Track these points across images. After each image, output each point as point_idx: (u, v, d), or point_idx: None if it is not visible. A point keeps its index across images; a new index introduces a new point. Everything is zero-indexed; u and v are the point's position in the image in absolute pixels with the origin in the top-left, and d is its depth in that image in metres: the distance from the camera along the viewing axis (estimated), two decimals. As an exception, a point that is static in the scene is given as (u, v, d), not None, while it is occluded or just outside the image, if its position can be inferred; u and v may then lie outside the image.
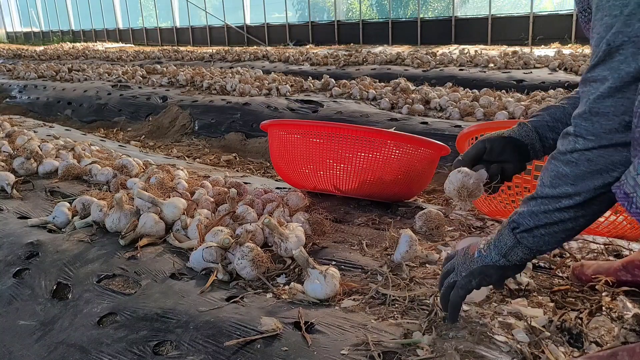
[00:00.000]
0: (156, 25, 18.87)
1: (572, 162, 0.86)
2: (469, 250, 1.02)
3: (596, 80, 0.82)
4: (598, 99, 0.81)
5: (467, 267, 1.00)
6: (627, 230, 1.51)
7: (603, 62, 0.81)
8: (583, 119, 0.84)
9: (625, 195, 0.78)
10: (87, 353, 1.11)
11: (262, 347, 1.00)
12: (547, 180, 0.91)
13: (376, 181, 1.76)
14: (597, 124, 0.82)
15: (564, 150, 0.88)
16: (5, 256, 1.51)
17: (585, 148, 0.84)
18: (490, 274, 0.98)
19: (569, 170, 0.87)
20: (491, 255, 0.97)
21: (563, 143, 0.89)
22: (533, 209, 0.92)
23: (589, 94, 0.83)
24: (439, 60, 6.90)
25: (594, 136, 0.83)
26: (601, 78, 0.81)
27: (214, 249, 1.33)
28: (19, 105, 6.36)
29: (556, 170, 0.89)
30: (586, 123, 0.84)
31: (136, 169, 2.23)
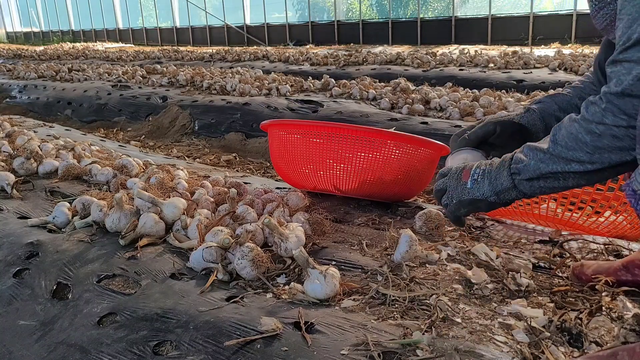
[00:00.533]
0: (156, 25, 18.87)
1: (595, 132, 0.86)
2: (462, 174, 1.05)
3: (629, 61, 0.82)
4: (633, 80, 0.81)
5: (458, 195, 1.04)
6: (627, 230, 1.51)
7: (638, 43, 0.80)
8: (616, 96, 0.84)
9: (633, 192, 0.79)
10: (87, 353, 1.11)
11: (262, 347, 1.00)
12: (562, 140, 0.91)
13: (376, 181, 1.76)
14: (630, 104, 0.82)
15: (590, 118, 0.88)
16: (5, 256, 1.51)
17: (614, 124, 0.84)
18: (480, 207, 1.04)
19: (589, 139, 0.87)
20: (484, 189, 1.01)
21: (589, 111, 0.88)
22: (540, 164, 0.93)
23: (621, 74, 0.83)
24: (439, 60, 6.90)
25: (626, 115, 0.83)
26: (636, 59, 0.81)
27: (214, 249, 1.33)
28: (19, 105, 6.36)
29: (575, 135, 0.89)
30: (619, 101, 0.83)
31: (136, 169, 2.23)
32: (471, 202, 1.03)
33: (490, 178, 1.00)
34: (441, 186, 1.10)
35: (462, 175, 1.05)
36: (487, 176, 1.01)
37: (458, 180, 1.05)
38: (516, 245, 1.46)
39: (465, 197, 1.03)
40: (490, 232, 1.57)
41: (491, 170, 1.01)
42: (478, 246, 1.36)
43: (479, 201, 1.02)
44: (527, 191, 0.97)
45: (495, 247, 1.40)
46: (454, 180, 1.06)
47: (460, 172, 1.06)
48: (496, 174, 1.00)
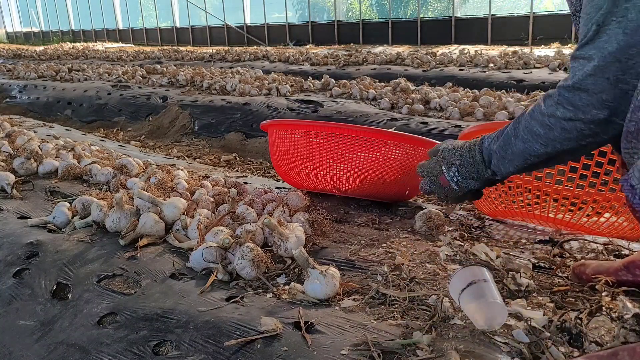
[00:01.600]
0: (156, 25, 18.86)
1: (547, 125, 0.95)
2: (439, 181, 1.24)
3: (584, 58, 0.88)
4: (583, 76, 0.88)
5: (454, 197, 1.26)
6: (628, 231, 1.51)
7: (591, 41, 0.87)
8: (567, 90, 0.91)
9: (630, 187, 0.81)
10: (87, 353, 1.11)
11: (262, 347, 1.00)
12: (521, 133, 1.02)
13: (376, 181, 1.76)
14: (577, 97, 0.89)
15: (544, 112, 0.96)
16: (5, 256, 1.51)
17: (563, 117, 0.92)
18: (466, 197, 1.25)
19: (542, 132, 0.96)
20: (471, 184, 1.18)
21: (545, 104, 0.96)
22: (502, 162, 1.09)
23: (576, 70, 0.89)
24: (439, 60, 6.90)
25: (573, 107, 0.90)
26: (587, 57, 0.87)
27: (214, 249, 1.33)
28: (19, 105, 6.36)
29: (531, 128, 0.99)
30: (569, 94, 0.91)
31: (136, 169, 2.23)
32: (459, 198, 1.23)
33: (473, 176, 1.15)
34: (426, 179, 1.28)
35: (441, 183, 1.21)
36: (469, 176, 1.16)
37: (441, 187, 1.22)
38: (516, 245, 1.46)
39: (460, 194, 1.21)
40: (490, 232, 1.57)
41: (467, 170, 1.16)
42: (478, 246, 1.36)
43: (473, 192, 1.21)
44: (505, 175, 1.12)
45: (495, 247, 1.40)
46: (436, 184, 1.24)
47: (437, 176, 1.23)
48: (475, 170, 1.14)
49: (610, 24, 0.84)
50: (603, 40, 0.85)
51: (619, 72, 0.84)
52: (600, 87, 0.86)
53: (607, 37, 0.84)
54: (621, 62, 0.84)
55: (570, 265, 1.27)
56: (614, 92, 0.85)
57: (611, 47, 0.84)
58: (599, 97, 0.86)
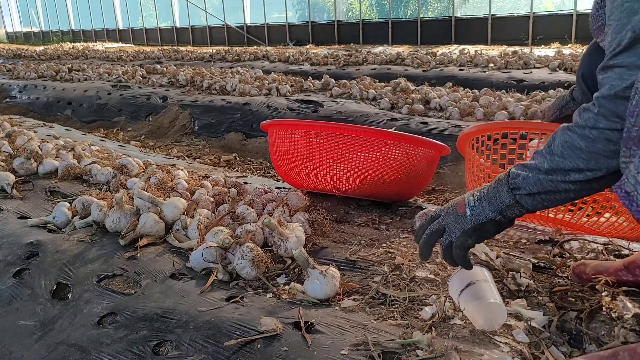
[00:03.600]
0: (156, 25, 18.86)
1: (589, 138, 0.86)
2: (457, 208, 1.01)
3: (623, 66, 0.82)
4: (627, 84, 0.81)
5: (460, 227, 0.99)
6: (628, 231, 1.51)
7: (628, 49, 0.81)
8: (608, 100, 0.84)
9: (626, 194, 0.79)
10: (87, 353, 1.11)
11: (262, 347, 1.00)
12: (557, 149, 0.91)
13: (376, 181, 1.76)
14: (622, 107, 0.82)
15: (583, 124, 0.88)
16: (5, 256, 1.51)
17: (607, 128, 0.84)
18: (487, 230, 0.99)
19: (584, 145, 0.87)
20: (486, 212, 0.98)
21: (582, 117, 0.88)
22: (539, 175, 0.92)
23: (612, 79, 0.83)
24: (439, 60, 6.90)
25: (619, 118, 0.83)
26: (628, 64, 0.81)
27: (214, 249, 1.33)
28: (19, 105, 6.36)
29: (571, 142, 0.89)
30: (611, 104, 0.83)
31: (136, 169, 2.23)
32: (476, 229, 0.98)
33: (489, 199, 0.98)
34: (436, 227, 1.04)
35: (458, 208, 1.01)
36: (485, 199, 0.99)
37: (455, 214, 1.01)
38: (516, 245, 1.46)
39: (469, 225, 0.98)
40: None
41: (488, 192, 0.99)
42: (478, 246, 1.36)
43: (484, 224, 0.98)
44: (530, 206, 0.96)
45: (495, 247, 1.40)
46: (451, 215, 1.02)
47: (455, 206, 1.02)
48: (495, 193, 0.98)
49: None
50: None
51: None
52: None
53: None
54: None
55: (570, 265, 1.27)
56: None
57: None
58: None
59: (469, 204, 1.00)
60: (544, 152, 0.94)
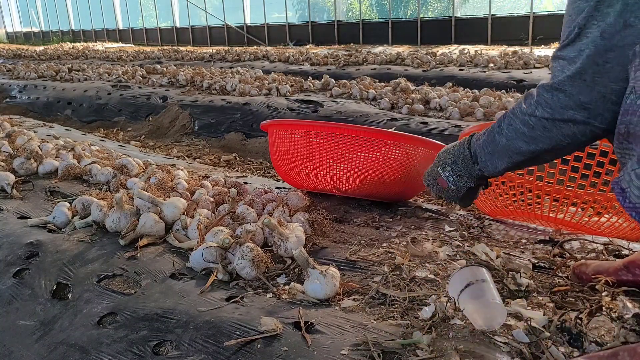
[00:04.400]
0: (156, 25, 18.86)
1: (529, 124, 0.97)
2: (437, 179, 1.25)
3: (565, 59, 0.89)
4: (562, 77, 0.89)
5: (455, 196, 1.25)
6: (628, 232, 1.51)
7: (572, 43, 0.88)
8: (546, 90, 0.93)
9: (621, 190, 0.81)
10: (87, 353, 1.11)
11: (262, 347, 1.00)
12: (505, 130, 1.04)
13: (376, 181, 1.76)
14: (555, 98, 0.91)
15: (525, 110, 0.98)
16: (5, 256, 1.51)
17: (542, 116, 0.94)
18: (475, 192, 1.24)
19: (526, 130, 0.98)
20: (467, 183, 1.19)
21: (526, 103, 0.99)
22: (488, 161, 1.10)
23: (556, 69, 0.91)
24: (439, 60, 6.90)
25: (550, 109, 0.92)
26: (569, 58, 0.89)
27: (214, 249, 1.33)
28: (19, 105, 6.36)
29: (514, 126, 1.01)
30: (547, 94, 0.92)
31: (136, 169, 2.23)
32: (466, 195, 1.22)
33: (465, 174, 1.17)
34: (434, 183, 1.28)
35: (440, 184, 1.24)
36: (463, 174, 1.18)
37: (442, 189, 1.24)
38: (516, 245, 1.46)
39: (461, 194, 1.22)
40: (491, 232, 1.57)
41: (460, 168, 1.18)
42: (478, 246, 1.36)
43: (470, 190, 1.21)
44: (493, 174, 1.15)
45: (495, 247, 1.40)
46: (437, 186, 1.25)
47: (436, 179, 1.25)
48: (466, 169, 1.16)
49: (590, 27, 0.85)
50: (583, 42, 0.86)
51: (597, 75, 0.85)
52: (578, 89, 0.87)
53: (587, 40, 0.86)
54: (598, 65, 0.85)
55: (570, 265, 1.27)
56: (591, 94, 0.87)
57: (589, 50, 0.85)
58: (577, 99, 0.88)
59: (447, 179, 1.21)
60: (494, 131, 1.07)
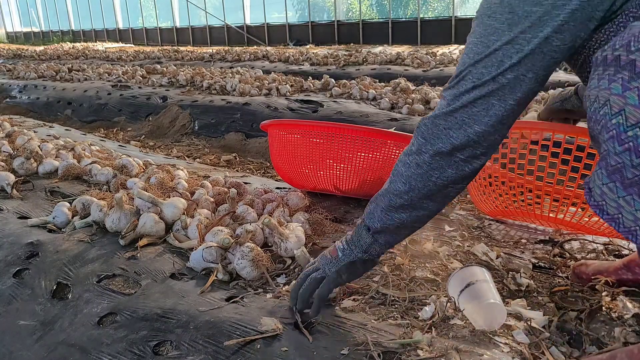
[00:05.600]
0: (156, 25, 18.86)
1: (407, 163, 0.98)
2: (330, 253, 1.09)
3: (444, 98, 0.94)
4: (437, 116, 0.94)
5: (334, 265, 1.07)
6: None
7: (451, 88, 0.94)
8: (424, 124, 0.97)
9: (588, 190, 0.85)
10: (87, 353, 1.11)
11: (262, 347, 1.00)
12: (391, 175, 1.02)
13: (376, 181, 1.76)
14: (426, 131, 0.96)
15: (406, 150, 1.00)
16: (5, 256, 1.51)
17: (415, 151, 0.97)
18: (357, 268, 1.08)
19: (404, 170, 0.99)
20: (354, 253, 1.06)
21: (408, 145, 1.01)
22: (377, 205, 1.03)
23: (437, 108, 0.96)
24: (439, 60, 6.90)
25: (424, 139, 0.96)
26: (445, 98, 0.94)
27: (214, 249, 1.33)
28: (19, 105, 6.36)
29: (396, 168, 1.01)
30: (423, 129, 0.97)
31: (136, 169, 2.23)
32: (348, 267, 1.06)
33: (354, 241, 1.06)
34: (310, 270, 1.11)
35: (331, 253, 1.09)
36: (351, 242, 1.07)
37: (330, 257, 1.09)
38: (516, 245, 1.46)
39: (342, 264, 1.06)
40: (491, 232, 1.57)
41: (352, 235, 1.08)
42: (478, 246, 1.36)
43: (354, 263, 1.07)
44: (385, 241, 1.04)
45: (495, 247, 1.40)
46: (326, 259, 1.09)
47: (328, 252, 1.11)
48: (357, 236, 1.06)
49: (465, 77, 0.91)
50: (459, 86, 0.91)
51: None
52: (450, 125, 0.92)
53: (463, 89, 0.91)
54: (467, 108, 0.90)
55: (570, 265, 1.27)
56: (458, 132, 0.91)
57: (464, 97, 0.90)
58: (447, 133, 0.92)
59: (339, 248, 1.09)
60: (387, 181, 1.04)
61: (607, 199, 0.81)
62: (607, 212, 0.82)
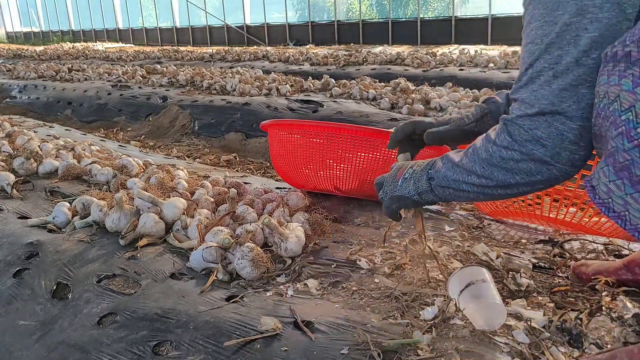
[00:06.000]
0: (156, 25, 18.86)
1: (489, 151, 0.97)
2: (398, 172, 1.16)
3: (522, 101, 0.91)
4: (521, 116, 0.91)
5: (390, 191, 1.15)
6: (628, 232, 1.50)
7: (526, 86, 0.90)
8: (507, 125, 0.94)
9: (591, 188, 0.85)
10: (87, 353, 1.11)
11: (261, 347, 1.00)
12: (469, 153, 1.02)
13: (376, 181, 1.76)
14: (515, 132, 0.92)
15: (490, 139, 0.98)
16: (5, 256, 1.51)
17: (502, 145, 0.94)
18: (407, 203, 1.14)
19: (484, 156, 0.98)
20: (409, 188, 1.12)
21: (493, 132, 0.99)
22: (447, 172, 1.05)
23: (514, 110, 0.93)
24: (439, 60, 6.90)
25: (511, 139, 0.93)
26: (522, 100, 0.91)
27: (214, 249, 1.33)
28: (19, 105, 6.36)
29: (477, 150, 1.00)
30: (510, 128, 0.93)
31: (136, 169, 2.23)
32: (400, 198, 1.14)
33: (415, 179, 1.11)
34: (380, 180, 1.20)
35: (398, 174, 1.15)
36: (413, 177, 1.12)
37: (393, 177, 1.16)
38: (516, 245, 1.46)
39: (396, 193, 1.14)
40: (491, 232, 1.57)
41: (416, 171, 1.12)
42: (478, 246, 1.36)
43: (406, 198, 1.13)
44: (441, 195, 1.08)
45: (495, 247, 1.40)
46: (390, 177, 1.17)
47: (398, 170, 1.17)
48: (419, 176, 1.10)
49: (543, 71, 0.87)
50: (537, 84, 0.88)
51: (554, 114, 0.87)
52: (535, 125, 0.89)
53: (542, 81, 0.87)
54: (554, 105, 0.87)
55: (570, 265, 1.27)
56: (548, 130, 0.88)
57: (544, 90, 0.87)
58: (534, 134, 0.89)
59: (404, 174, 1.14)
60: (460, 156, 1.05)
61: (614, 196, 0.79)
62: (614, 209, 0.80)
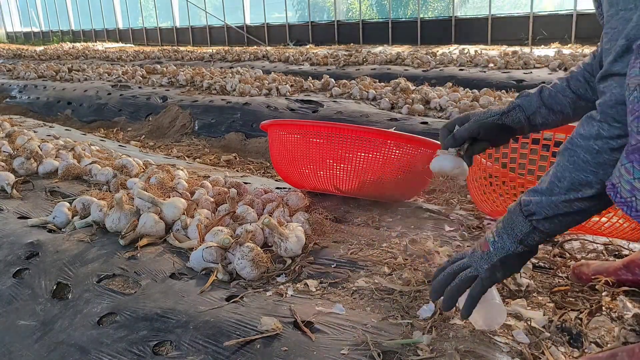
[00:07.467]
0: (156, 25, 18.86)
1: (594, 149, 0.85)
2: (481, 248, 1.00)
3: (620, 74, 0.81)
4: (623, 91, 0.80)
5: (486, 262, 0.97)
6: (629, 232, 1.51)
7: (622, 57, 0.81)
8: (609, 107, 0.83)
9: (612, 186, 0.80)
10: (87, 353, 1.11)
11: (261, 347, 1.00)
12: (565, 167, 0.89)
13: (376, 181, 1.76)
14: (623, 111, 0.81)
15: (587, 134, 0.86)
16: (5, 256, 1.51)
17: (609, 136, 0.83)
18: (513, 264, 0.97)
19: (590, 157, 0.86)
20: (507, 245, 0.96)
21: (586, 128, 0.87)
22: (552, 197, 0.90)
23: (612, 87, 0.82)
24: (439, 60, 6.89)
25: (620, 123, 0.82)
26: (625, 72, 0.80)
27: (214, 249, 1.33)
28: (19, 105, 6.36)
29: (577, 158, 0.87)
30: (612, 110, 0.83)
31: (136, 169, 2.23)
32: (502, 262, 0.96)
33: (507, 231, 0.96)
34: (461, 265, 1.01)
35: (482, 248, 0.99)
36: (503, 232, 0.97)
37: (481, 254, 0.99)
38: (516, 245, 1.45)
39: (495, 259, 0.96)
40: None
41: (504, 225, 0.97)
42: (478, 246, 1.36)
43: (510, 257, 0.96)
44: (549, 230, 0.93)
45: (495, 247, 1.39)
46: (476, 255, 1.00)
47: (479, 246, 1.00)
48: (510, 224, 0.96)
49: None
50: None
51: None
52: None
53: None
54: None
55: (570, 265, 1.27)
56: None
57: None
58: None
59: (489, 240, 0.98)
60: (552, 174, 0.92)
61: (638, 194, 0.75)
62: (636, 208, 0.76)
